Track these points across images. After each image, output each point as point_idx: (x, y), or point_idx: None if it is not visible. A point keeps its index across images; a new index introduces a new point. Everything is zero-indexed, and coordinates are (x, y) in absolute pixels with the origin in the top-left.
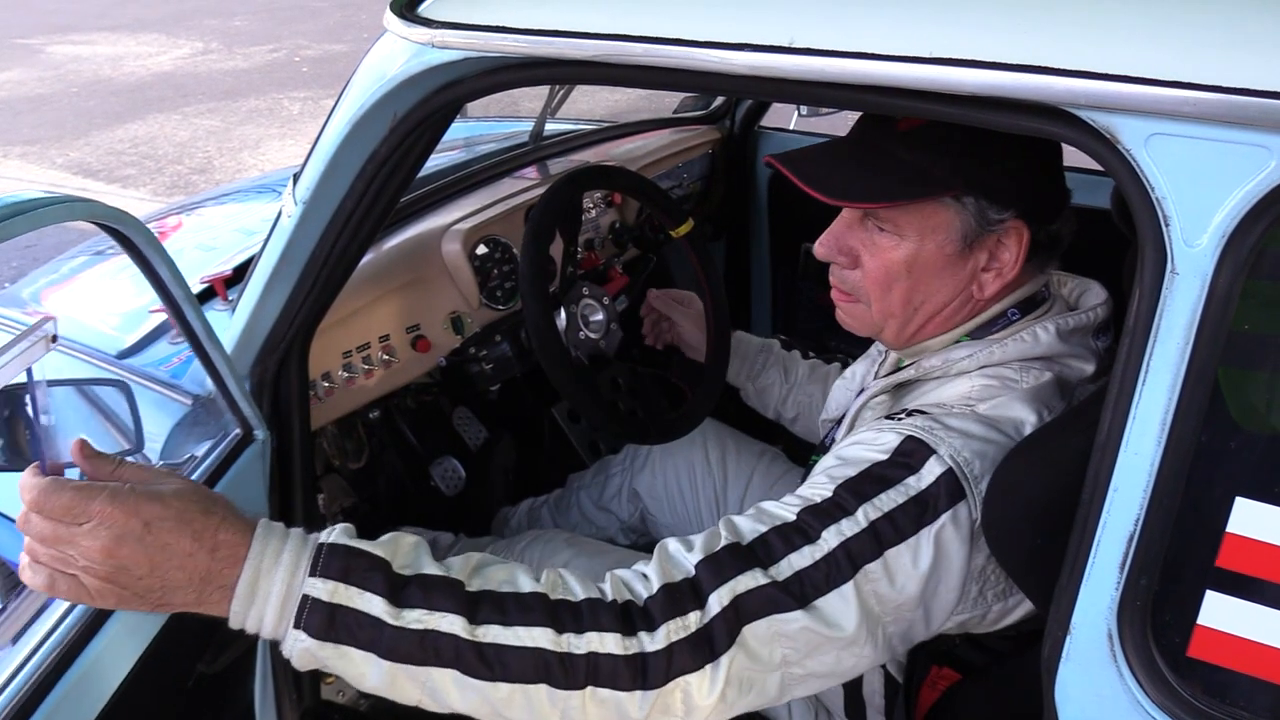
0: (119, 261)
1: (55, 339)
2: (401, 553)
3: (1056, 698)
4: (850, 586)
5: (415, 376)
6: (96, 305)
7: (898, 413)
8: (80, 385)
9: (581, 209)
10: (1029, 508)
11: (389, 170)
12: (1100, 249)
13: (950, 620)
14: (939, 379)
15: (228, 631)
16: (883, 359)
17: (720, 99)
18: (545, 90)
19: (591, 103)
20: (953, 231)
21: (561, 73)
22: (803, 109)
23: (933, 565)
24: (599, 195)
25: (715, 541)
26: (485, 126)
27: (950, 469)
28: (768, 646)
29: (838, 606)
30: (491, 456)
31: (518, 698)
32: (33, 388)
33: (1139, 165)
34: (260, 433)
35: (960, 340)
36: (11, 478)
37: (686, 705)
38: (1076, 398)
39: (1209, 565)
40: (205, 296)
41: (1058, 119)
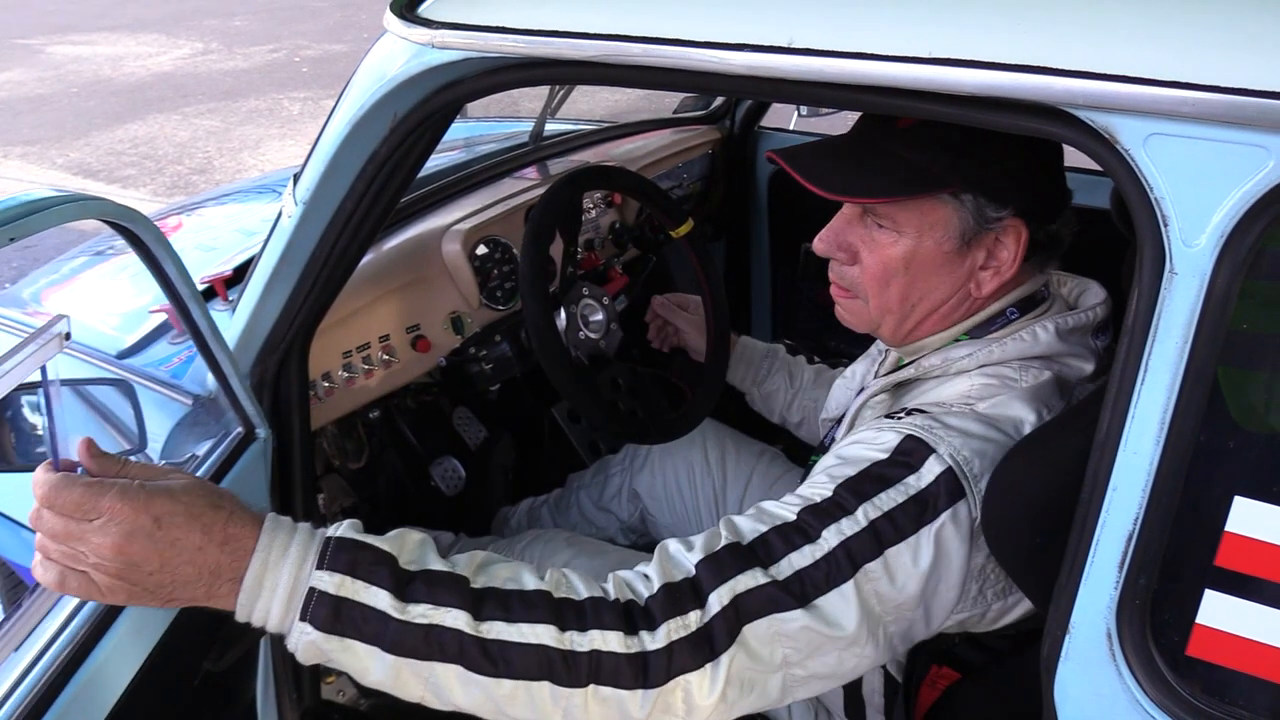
0: (119, 262)
1: (68, 336)
2: (408, 548)
3: (1056, 697)
4: (850, 585)
5: (415, 376)
6: (96, 305)
7: (897, 412)
8: (83, 385)
9: (581, 209)
10: (1028, 507)
11: (389, 170)
12: (1099, 249)
13: (950, 619)
14: (938, 378)
15: (233, 628)
16: (883, 358)
17: (720, 99)
18: (545, 90)
19: (591, 103)
20: (950, 228)
21: (561, 73)
22: (802, 109)
23: (933, 564)
24: (599, 195)
25: (715, 541)
26: (485, 126)
27: (950, 468)
28: (768, 646)
29: (838, 606)
30: (491, 456)
31: (521, 695)
32: (46, 386)
33: (1137, 165)
34: (262, 431)
35: (959, 339)
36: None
37: (687, 705)
38: (1076, 397)
39: (1208, 564)
40: (205, 297)
41: (1056, 119)
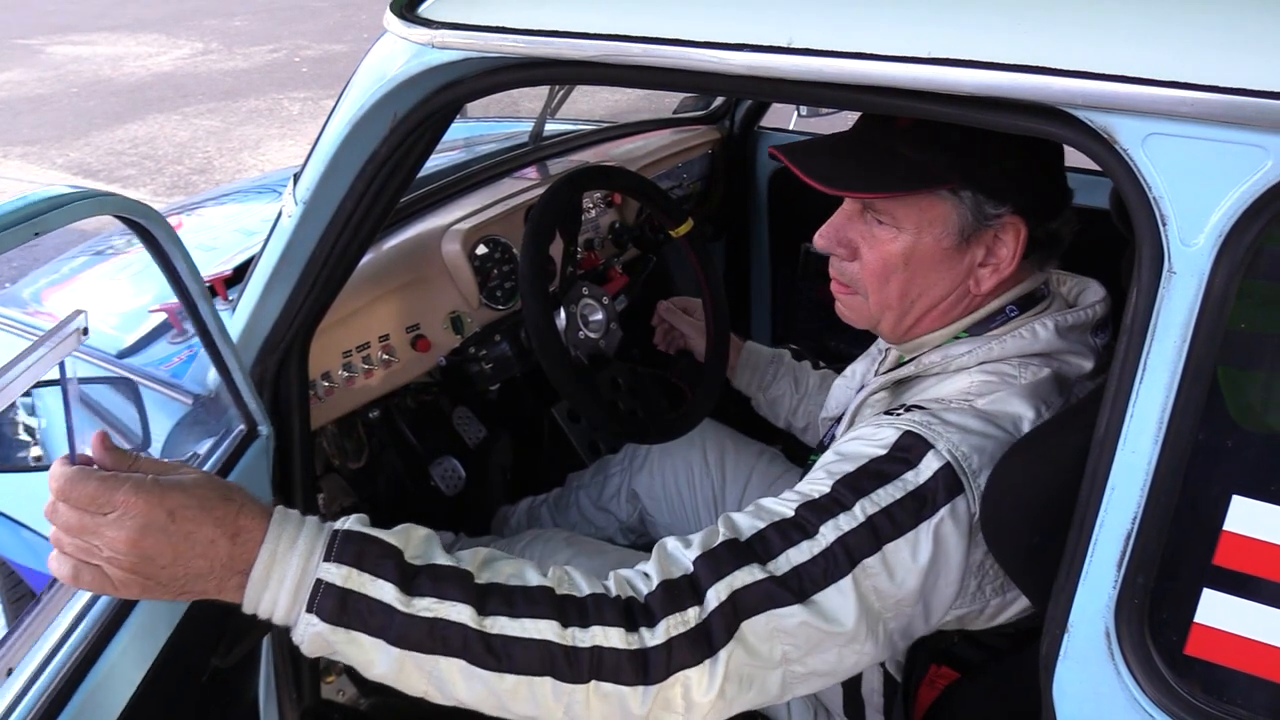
0: (118, 262)
1: (86, 332)
2: (414, 543)
3: (1054, 695)
4: (848, 581)
5: (415, 376)
6: (96, 305)
7: (896, 408)
8: (87, 384)
9: (581, 209)
10: (1027, 506)
11: (389, 170)
12: (1099, 248)
13: (949, 615)
14: (938, 375)
15: (240, 623)
16: (883, 357)
17: (720, 99)
18: (545, 90)
19: (591, 103)
20: (950, 225)
21: (561, 73)
22: (802, 109)
23: (931, 559)
24: (599, 195)
25: (713, 538)
26: (485, 126)
27: (948, 463)
28: (767, 642)
29: (836, 601)
30: (491, 456)
31: (523, 690)
32: (64, 382)
33: (1136, 165)
34: (265, 428)
35: (959, 336)
36: (11, 478)
37: (686, 701)
38: (1075, 394)
39: (1206, 563)
40: None
41: (1055, 119)
